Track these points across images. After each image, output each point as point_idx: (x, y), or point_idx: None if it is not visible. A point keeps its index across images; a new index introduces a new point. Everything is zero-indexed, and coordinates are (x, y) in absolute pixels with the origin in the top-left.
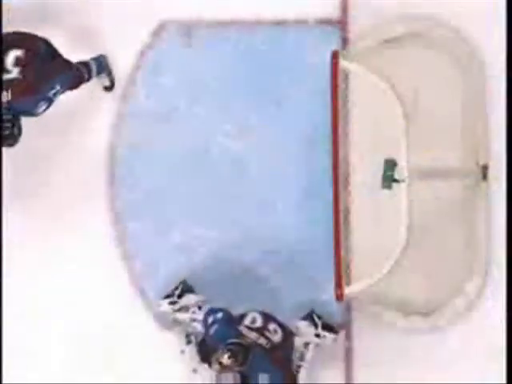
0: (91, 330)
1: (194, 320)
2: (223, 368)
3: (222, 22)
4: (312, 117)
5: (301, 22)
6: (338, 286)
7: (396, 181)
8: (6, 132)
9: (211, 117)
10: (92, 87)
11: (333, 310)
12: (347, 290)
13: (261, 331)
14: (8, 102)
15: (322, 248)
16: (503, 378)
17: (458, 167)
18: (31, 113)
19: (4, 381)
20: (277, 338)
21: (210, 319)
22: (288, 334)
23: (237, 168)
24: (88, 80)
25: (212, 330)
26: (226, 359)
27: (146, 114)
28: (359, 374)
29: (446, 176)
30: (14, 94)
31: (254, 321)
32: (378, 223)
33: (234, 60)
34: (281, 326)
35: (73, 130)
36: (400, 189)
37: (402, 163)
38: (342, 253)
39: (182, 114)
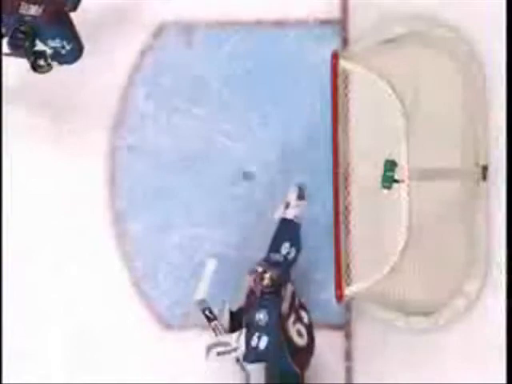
0: (91, 329)
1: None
2: (258, 280)
3: (221, 22)
4: (312, 117)
5: (301, 22)
6: (338, 286)
7: (396, 181)
8: (19, 43)
9: (211, 117)
10: (91, 87)
11: (333, 310)
12: (347, 291)
13: (292, 308)
14: (34, 16)
15: (322, 248)
16: (503, 378)
17: (457, 167)
18: (47, 38)
19: (4, 381)
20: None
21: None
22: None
23: (237, 168)
24: None
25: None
26: (269, 276)
27: (145, 114)
28: (359, 374)
29: (445, 176)
30: (44, 13)
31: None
32: (378, 223)
33: (234, 60)
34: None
35: (72, 130)
36: (400, 189)
37: (402, 163)
38: (342, 253)
39: (182, 114)
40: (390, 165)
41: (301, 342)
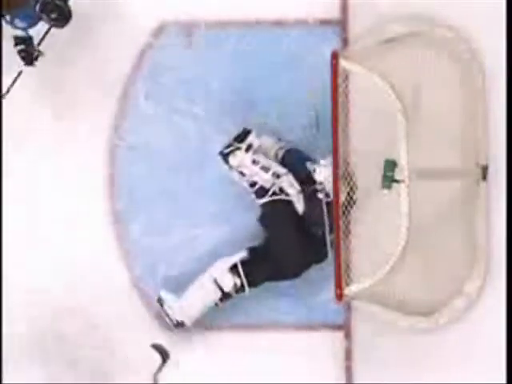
0: (91, 329)
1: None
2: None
3: (221, 22)
4: (312, 116)
5: (301, 22)
6: (338, 286)
7: (396, 181)
8: (54, 15)
9: (211, 117)
10: (91, 87)
11: (333, 310)
12: (347, 291)
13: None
14: None
15: None
16: (503, 378)
17: (457, 167)
18: None
19: (4, 381)
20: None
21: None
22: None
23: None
24: None
25: None
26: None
27: (145, 114)
28: (359, 374)
29: (445, 176)
30: None
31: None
32: (378, 223)
33: (234, 60)
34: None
35: (72, 130)
36: (400, 189)
37: (402, 163)
38: (342, 253)
39: (182, 114)
40: (390, 165)
41: None
